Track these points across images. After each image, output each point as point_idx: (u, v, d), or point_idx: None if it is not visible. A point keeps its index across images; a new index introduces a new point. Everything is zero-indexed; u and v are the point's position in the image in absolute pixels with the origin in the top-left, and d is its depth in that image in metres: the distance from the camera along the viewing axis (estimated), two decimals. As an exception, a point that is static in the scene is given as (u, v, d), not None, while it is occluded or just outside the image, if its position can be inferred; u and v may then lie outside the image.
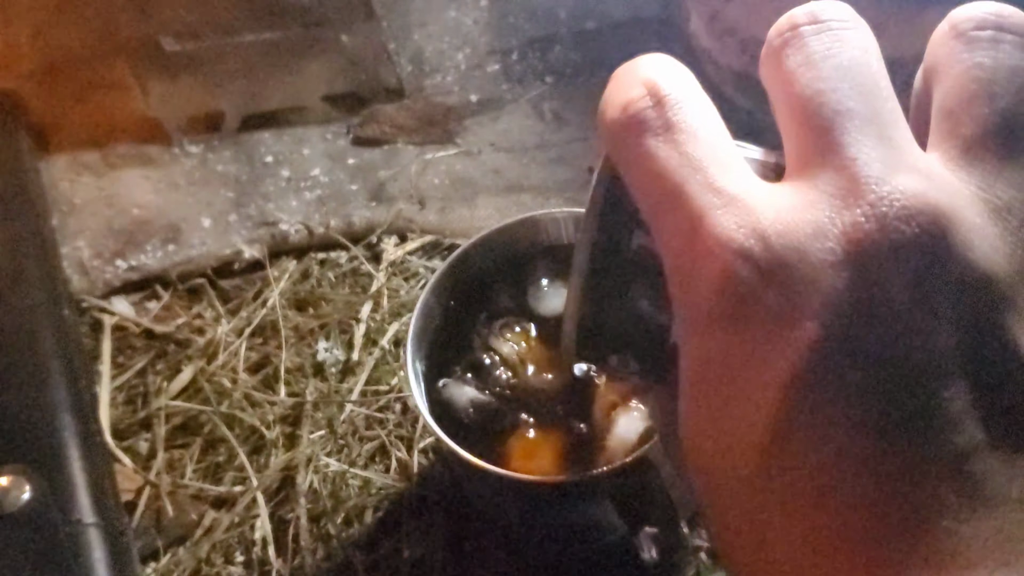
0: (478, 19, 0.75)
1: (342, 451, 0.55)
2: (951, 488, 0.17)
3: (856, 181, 0.18)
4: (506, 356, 0.45)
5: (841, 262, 0.18)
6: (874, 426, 0.17)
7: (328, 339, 0.59)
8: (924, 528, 0.17)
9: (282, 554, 0.52)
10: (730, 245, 0.19)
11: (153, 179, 0.69)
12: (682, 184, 0.20)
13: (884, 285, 0.18)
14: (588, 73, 0.71)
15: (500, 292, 0.47)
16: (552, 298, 0.47)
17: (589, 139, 0.66)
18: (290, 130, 0.71)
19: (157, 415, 0.58)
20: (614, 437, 0.43)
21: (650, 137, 0.21)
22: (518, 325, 0.46)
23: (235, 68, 0.68)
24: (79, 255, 0.66)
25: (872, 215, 0.18)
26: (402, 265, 0.63)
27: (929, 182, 0.18)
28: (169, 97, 0.69)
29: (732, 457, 0.19)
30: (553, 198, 0.64)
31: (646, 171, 0.20)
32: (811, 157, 0.19)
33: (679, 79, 0.21)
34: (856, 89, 0.19)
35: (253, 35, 0.67)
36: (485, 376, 0.45)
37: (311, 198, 0.67)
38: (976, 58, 0.19)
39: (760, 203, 0.19)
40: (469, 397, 0.44)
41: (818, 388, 0.18)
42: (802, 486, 0.18)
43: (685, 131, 0.20)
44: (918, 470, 0.17)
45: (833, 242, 0.18)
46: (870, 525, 0.17)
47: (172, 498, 0.54)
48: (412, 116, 0.70)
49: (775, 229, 0.18)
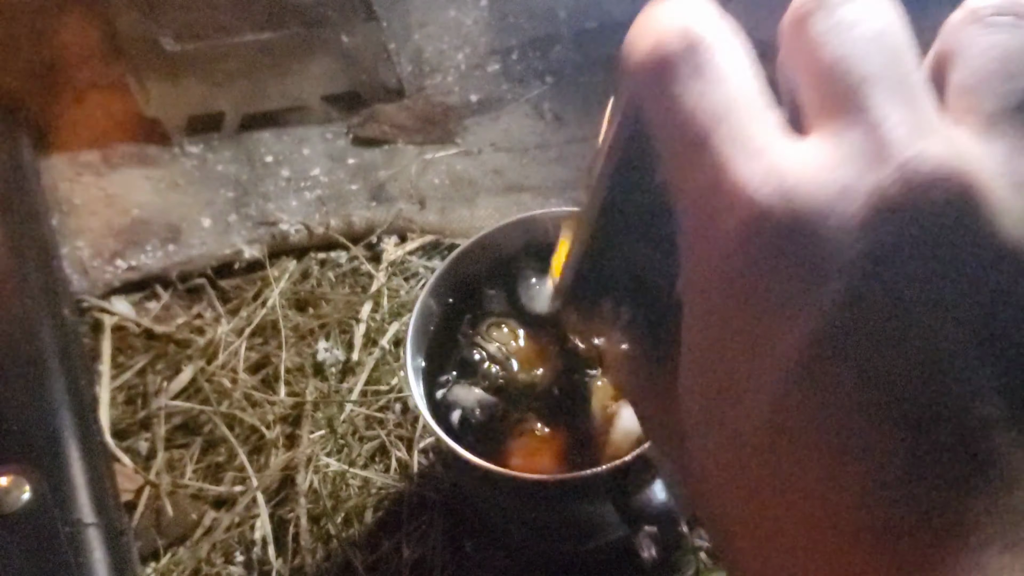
0: (478, 19, 0.75)
1: (342, 451, 0.55)
2: (966, 464, 0.17)
3: (884, 144, 0.18)
4: (493, 354, 0.45)
5: (865, 224, 0.17)
6: (889, 394, 0.17)
7: (328, 339, 0.59)
8: (937, 502, 0.17)
9: (282, 554, 0.52)
10: (753, 199, 0.18)
11: (153, 179, 0.69)
12: (708, 132, 0.19)
13: (907, 249, 0.17)
14: (588, 73, 0.71)
15: (489, 293, 0.47)
16: (542, 297, 0.47)
17: (589, 139, 0.66)
18: (290, 130, 0.71)
19: (157, 415, 0.58)
20: (617, 430, 0.43)
21: (678, 81, 0.20)
22: (505, 325, 0.46)
23: (235, 68, 0.68)
24: (79, 255, 0.66)
25: (899, 178, 0.17)
26: (402, 265, 0.63)
27: (956, 149, 0.18)
28: (169, 97, 0.69)
29: (736, 420, 0.19)
30: (553, 198, 0.64)
31: (671, 116, 0.20)
32: (837, 118, 0.19)
33: (713, 21, 0.20)
34: (884, 56, 0.19)
35: (253, 35, 0.67)
36: (474, 374, 0.45)
37: (311, 198, 0.67)
38: (997, 38, 0.19)
39: (786, 158, 0.19)
40: (476, 398, 0.44)
41: (834, 352, 0.18)
42: (813, 449, 0.18)
43: (716, 77, 0.19)
44: (934, 443, 0.17)
45: (858, 204, 0.18)
46: (881, 499, 0.17)
47: (172, 498, 0.54)
48: (412, 116, 0.70)
49: (800, 186, 0.18)
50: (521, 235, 0.49)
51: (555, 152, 0.67)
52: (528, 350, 0.46)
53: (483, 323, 0.46)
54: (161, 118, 0.70)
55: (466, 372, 0.45)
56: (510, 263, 0.48)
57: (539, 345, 0.46)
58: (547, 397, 0.45)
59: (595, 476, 0.40)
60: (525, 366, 0.45)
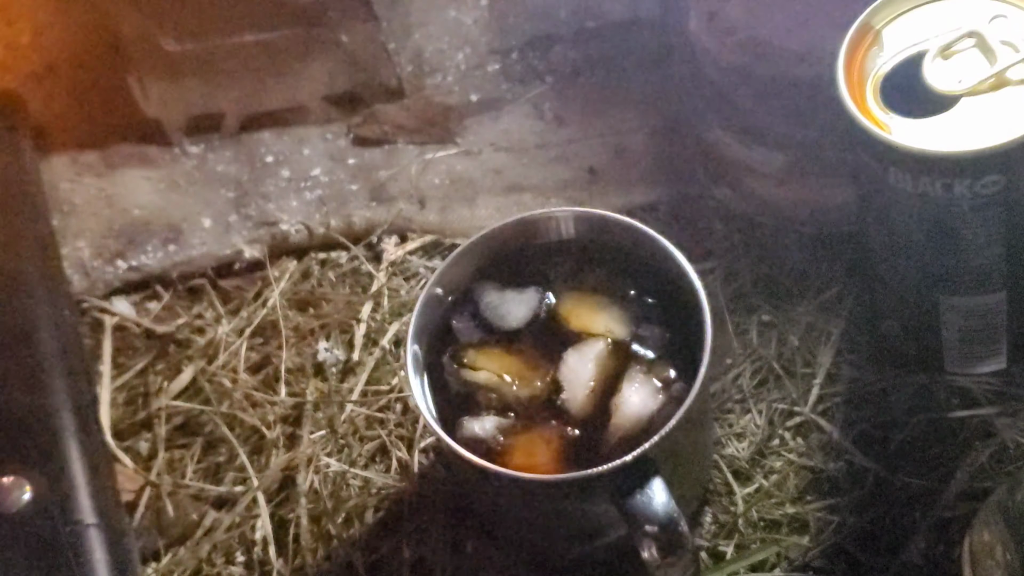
0: (478, 19, 0.75)
1: (342, 451, 0.55)
2: None
3: None
4: (485, 382, 0.45)
5: None
6: None
7: (328, 339, 0.59)
8: None
9: (283, 554, 0.52)
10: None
11: (153, 179, 0.69)
12: None
13: None
14: (588, 73, 0.71)
15: (458, 326, 0.47)
16: (510, 312, 0.47)
17: (589, 139, 0.66)
18: (290, 130, 0.71)
19: (158, 415, 0.58)
20: (621, 414, 0.43)
21: None
22: (484, 351, 0.46)
23: (235, 68, 0.68)
24: (79, 255, 0.66)
25: None
26: (402, 265, 0.63)
27: None
28: (169, 97, 0.69)
29: None
30: (553, 198, 0.64)
31: None
32: None
33: None
34: None
35: (253, 35, 0.67)
36: (477, 405, 0.45)
37: (311, 198, 0.67)
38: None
39: None
40: (494, 424, 0.44)
41: None
42: None
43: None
44: None
45: None
46: None
47: (173, 498, 0.54)
48: (412, 116, 0.70)
49: None
50: (523, 234, 0.49)
51: (555, 152, 0.67)
52: (519, 365, 0.45)
53: (463, 356, 0.46)
54: (161, 118, 0.70)
55: (468, 406, 0.45)
56: (513, 262, 0.48)
57: (526, 357, 0.46)
58: (552, 403, 0.45)
59: (595, 476, 0.40)
60: (522, 382, 0.45)
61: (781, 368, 0.53)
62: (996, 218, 0.42)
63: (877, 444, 0.50)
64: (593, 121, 0.67)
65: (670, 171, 0.63)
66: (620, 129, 0.66)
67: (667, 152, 0.64)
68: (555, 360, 0.45)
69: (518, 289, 0.47)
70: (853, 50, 0.45)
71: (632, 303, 0.47)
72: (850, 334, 0.54)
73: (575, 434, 0.44)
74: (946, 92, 0.42)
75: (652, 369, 0.45)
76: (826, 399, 0.52)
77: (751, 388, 0.53)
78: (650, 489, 0.40)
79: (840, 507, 0.48)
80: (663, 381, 0.44)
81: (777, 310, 0.55)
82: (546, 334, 0.46)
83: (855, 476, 0.49)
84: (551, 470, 0.43)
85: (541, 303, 0.47)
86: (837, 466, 0.50)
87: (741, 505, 0.49)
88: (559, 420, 0.44)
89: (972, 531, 0.43)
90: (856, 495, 0.49)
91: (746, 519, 0.49)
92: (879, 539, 0.47)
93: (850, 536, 0.48)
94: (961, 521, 0.46)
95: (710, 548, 0.49)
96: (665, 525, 0.40)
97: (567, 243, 0.49)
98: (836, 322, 0.54)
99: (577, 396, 0.44)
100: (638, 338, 0.46)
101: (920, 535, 0.47)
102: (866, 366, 0.52)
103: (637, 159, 0.64)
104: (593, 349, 0.45)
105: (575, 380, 0.44)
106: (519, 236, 0.48)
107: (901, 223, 0.45)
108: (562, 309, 0.47)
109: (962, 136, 0.41)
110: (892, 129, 0.42)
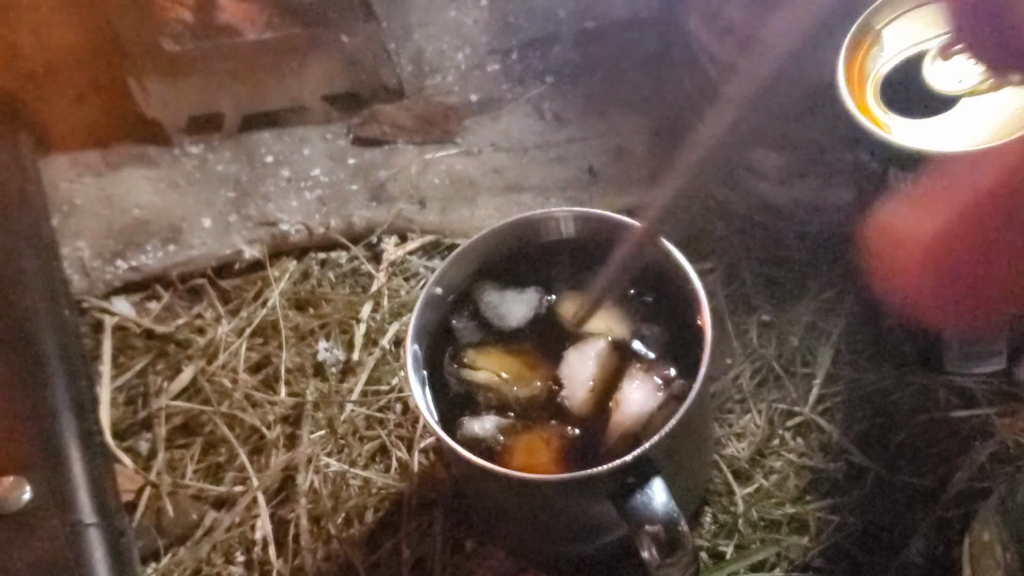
0: (478, 19, 0.75)
1: (342, 451, 0.55)
2: None
3: None
4: (485, 382, 0.45)
5: None
6: None
7: (328, 339, 0.59)
8: None
9: (283, 554, 0.52)
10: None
11: (153, 179, 0.69)
12: None
13: None
14: (588, 73, 0.71)
15: (458, 326, 0.47)
16: (510, 311, 0.47)
17: (589, 139, 0.66)
18: (290, 130, 0.71)
19: (157, 415, 0.58)
20: (621, 412, 0.43)
21: None
22: (484, 351, 0.46)
23: (235, 68, 0.68)
24: (79, 255, 0.66)
25: None
26: (402, 265, 0.63)
27: None
28: (169, 97, 0.69)
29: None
30: (553, 198, 0.64)
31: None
32: None
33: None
34: None
35: (253, 35, 0.67)
36: (476, 405, 0.45)
37: (311, 198, 0.67)
38: None
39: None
40: (494, 424, 0.44)
41: None
42: None
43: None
44: None
45: None
46: None
47: (172, 498, 0.55)
48: (412, 116, 0.70)
49: None
50: (522, 234, 0.49)
51: (555, 152, 0.67)
52: (518, 365, 0.46)
53: (463, 356, 0.46)
54: (161, 118, 0.70)
55: (468, 406, 0.45)
56: (511, 262, 0.48)
57: (526, 357, 0.46)
58: (552, 402, 0.45)
59: (595, 476, 0.40)
60: (521, 382, 0.45)
61: (781, 368, 0.53)
62: (996, 218, 0.42)
63: (877, 444, 0.50)
64: (593, 121, 0.67)
65: (670, 171, 0.63)
66: (620, 129, 0.66)
67: (667, 152, 0.64)
68: (555, 359, 0.45)
69: (518, 289, 0.47)
70: (853, 50, 0.45)
71: (632, 302, 0.47)
72: (850, 334, 0.54)
73: (575, 433, 0.44)
74: (946, 92, 0.42)
75: (652, 368, 0.45)
76: (826, 399, 0.52)
77: (751, 388, 0.53)
78: (650, 489, 0.40)
79: (840, 507, 0.48)
80: (663, 379, 0.44)
81: (777, 310, 0.55)
82: (546, 333, 0.46)
83: (855, 476, 0.49)
84: (551, 470, 0.43)
85: (541, 303, 0.47)
86: (837, 466, 0.50)
87: (741, 505, 0.49)
88: (559, 419, 0.44)
89: (972, 531, 0.44)
90: (856, 495, 0.49)
91: (746, 519, 0.49)
92: (879, 539, 0.48)
93: (850, 536, 0.48)
94: (961, 521, 0.46)
95: (710, 548, 0.49)
96: (665, 525, 0.40)
97: (567, 243, 0.49)
98: (836, 322, 0.54)
99: (577, 394, 0.44)
100: (638, 337, 0.46)
101: (920, 535, 0.47)
102: (866, 366, 0.52)
103: (637, 159, 0.64)
104: (594, 348, 0.45)
105: (575, 378, 0.44)
106: (519, 236, 0.48)
107: (901, 223, 0.45)
108: (562, 309, 0.47)
109: (962, 136, 0.41)
110: (892, 129, 0.42)
